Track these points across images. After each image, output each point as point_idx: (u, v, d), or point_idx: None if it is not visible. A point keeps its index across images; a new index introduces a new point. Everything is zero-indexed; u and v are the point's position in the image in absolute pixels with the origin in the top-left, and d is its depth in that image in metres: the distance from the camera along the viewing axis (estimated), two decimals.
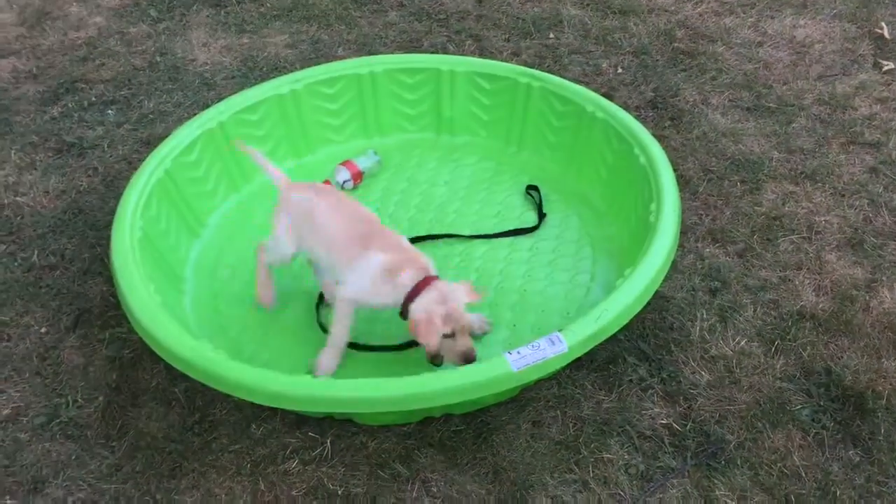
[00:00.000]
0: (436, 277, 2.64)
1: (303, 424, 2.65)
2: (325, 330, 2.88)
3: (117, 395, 2.78)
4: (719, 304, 3.02)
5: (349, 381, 2.35)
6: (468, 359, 2.51)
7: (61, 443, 2.65)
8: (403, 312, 2.63)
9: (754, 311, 3.00)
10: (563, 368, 2.61)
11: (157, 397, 2.76)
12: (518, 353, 2.35)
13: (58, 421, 2.70)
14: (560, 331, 2.42)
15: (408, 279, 2.60)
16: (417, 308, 2.56)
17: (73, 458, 2.60)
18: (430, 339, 2.50)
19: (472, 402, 2.53)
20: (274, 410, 2.66)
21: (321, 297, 3.05)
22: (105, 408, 2.74)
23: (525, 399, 2.71)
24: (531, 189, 3.53)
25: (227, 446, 2.61)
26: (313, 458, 2.57)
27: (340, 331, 2.72)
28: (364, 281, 2.66)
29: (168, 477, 2.54)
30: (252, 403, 2.59)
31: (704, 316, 2.97)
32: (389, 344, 2.86)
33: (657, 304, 2.93)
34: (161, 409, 2.72)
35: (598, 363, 2.81)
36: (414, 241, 3.11)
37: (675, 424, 2.64)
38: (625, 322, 2.52)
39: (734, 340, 2.89)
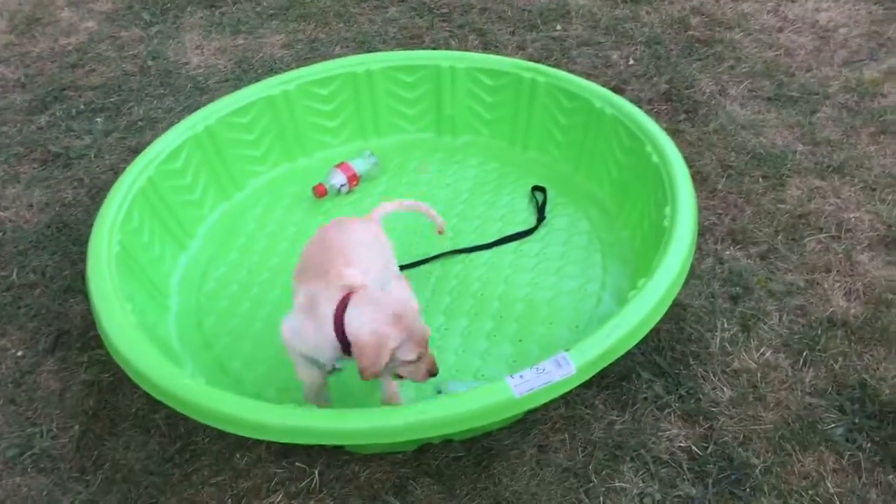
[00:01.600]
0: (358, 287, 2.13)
1: (290, 453, 2.45)
2: None
3: (94, 423, 2.59)
4: (741, 311, 2.79)
5: (335, 412, 2.16)
6: (433, 374, 2.16)
7: (33, 476, 2.46)
8: (344, 347, 2.12)
9: (780, 318, 2.76)
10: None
11: (136, 425, 2.58)
12: (521, 377, 2.13)
13: (30, 453, 2.52)
14: (567, 350, 2.20)
15: (327, 305, 2.12)
16: (361, 327, 2.05)
17: (45, 493, 2.42)
18: (376, 368, 2.03)
19: (471, 428, 2.32)
20: (259, 439, 2.46)
21: None
22: (80, 437, 2.55)
23: (530, 421, 2.49)
24: (537, 189, 3.31)
25: (209, 478, 2.42)
26: (300, 491, 2.37)
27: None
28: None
29: None
30: None
31: (725, 325, 2.74)
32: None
33: (673, 313, 2.69)
34: (140, 438, 2.53)
35: (610, 380, 2.58)
36: (405, 267, 2.89)
37: (694, 447, 2.41)
38: (637, 340, 2.28)
39: (758, 352, 2.66)
